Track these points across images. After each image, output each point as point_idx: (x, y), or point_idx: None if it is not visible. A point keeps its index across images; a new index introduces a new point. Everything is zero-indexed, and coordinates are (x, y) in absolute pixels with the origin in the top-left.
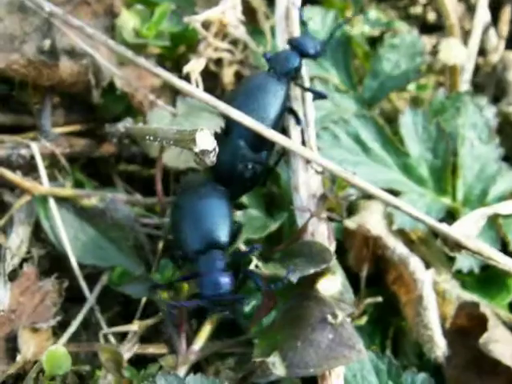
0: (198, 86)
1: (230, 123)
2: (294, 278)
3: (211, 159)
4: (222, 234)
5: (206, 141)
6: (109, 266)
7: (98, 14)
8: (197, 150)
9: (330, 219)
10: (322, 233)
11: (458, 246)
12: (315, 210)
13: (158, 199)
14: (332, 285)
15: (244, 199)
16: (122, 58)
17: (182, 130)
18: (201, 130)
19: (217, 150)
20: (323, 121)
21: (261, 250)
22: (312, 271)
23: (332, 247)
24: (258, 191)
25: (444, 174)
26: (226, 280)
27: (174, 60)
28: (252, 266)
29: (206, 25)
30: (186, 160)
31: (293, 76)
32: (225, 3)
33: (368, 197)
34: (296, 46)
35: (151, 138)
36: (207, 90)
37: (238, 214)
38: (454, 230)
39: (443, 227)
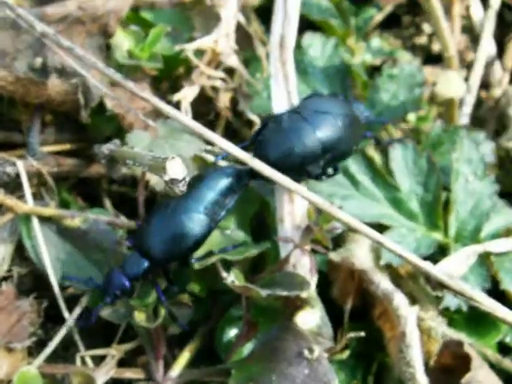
0: (186, 113)
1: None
2: (263, 293)
3: (181, 188)
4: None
5: (176, 169)
6: (90, 288)
7: (92, 34)
8: (166, 178)
9: (314, 251)
10: (304, 265)
11: (440, 286)
12: (299, 241)
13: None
14: (310, 318)
15: (231, 220)
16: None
17: (156, 157)
18: (172, 159)
19: (187, 179)
20: None
21: None
22: (285, 294)
23: (313, 280)
24: (247, 215)
25: (435, 208)
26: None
27: (171, 80)
28: (229, 280)
29: (202, 51)
30: None
31: None
32: (218, 31)
33: (354, 229)
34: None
35: (131, 162)
36: (201, 115)
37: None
38: (437, 269)
39: (426, 266)
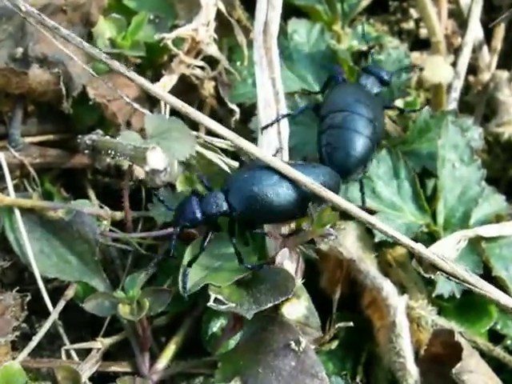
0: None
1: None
2: (248, 316)
3: (162, 179)
4: None
5: (157, 160)
6: (74, 281)
7: (74, 23)
8: (147, 168)
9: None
10: (290, 262)
11: (432, 267)
12: (289, 243)
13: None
14: (296, 309)
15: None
16: (97, 65)
17: (137, 147)
18: (153, 149)
19: (168, 170)
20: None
21: None
22: (269, 305)
23: (299, 277)
24: None
25: (416, 193)
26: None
27: (154, 69)
28: (211, 301)
29: (183, 39)
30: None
31: None
32: (198, 20)
33: (342, 217)
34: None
35: (112, 152)
36: (185, 103)
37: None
38: (430, 251)
39: (418, 246)
